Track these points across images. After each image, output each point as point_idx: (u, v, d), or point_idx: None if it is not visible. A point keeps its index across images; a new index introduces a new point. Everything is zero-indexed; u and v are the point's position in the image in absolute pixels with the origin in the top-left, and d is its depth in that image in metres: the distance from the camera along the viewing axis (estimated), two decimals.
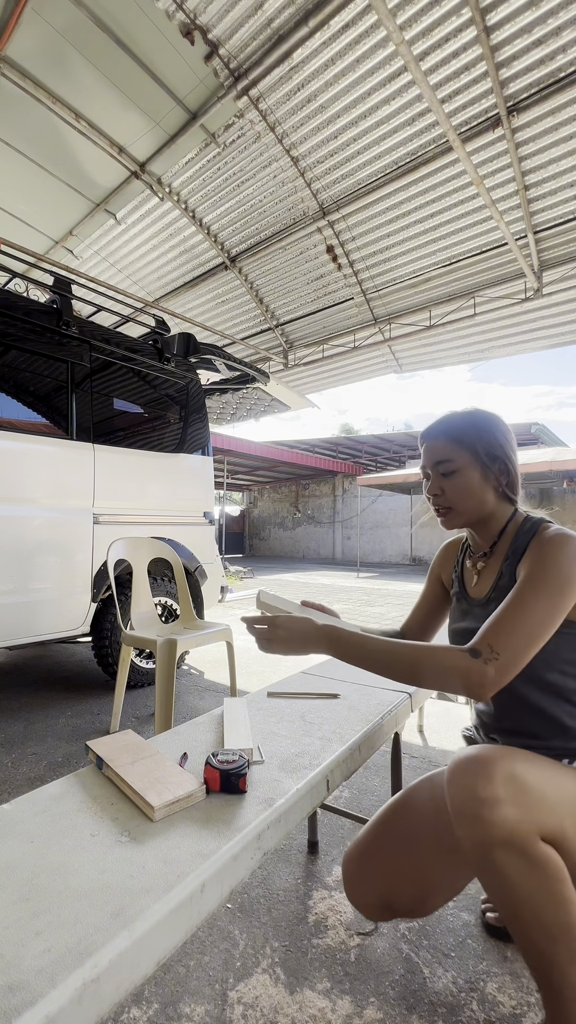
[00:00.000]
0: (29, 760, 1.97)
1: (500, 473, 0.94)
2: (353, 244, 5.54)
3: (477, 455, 0.93)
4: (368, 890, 0.92)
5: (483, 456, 0.93)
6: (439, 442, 0.96)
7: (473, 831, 0.70)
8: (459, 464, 0.93)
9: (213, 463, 3.56)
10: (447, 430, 0.96)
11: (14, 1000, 0.43)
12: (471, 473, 0.93)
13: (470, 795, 0.70)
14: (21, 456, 2.40)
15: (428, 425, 1.01)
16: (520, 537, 0.92)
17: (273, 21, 3.60)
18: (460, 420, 0.97)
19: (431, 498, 0.98)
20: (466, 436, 0.94)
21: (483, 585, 0.98)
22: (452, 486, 0.94)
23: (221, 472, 14.84)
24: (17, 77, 3.94)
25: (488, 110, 3.99)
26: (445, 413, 1.02)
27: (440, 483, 0.95)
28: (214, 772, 0.77)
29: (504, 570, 0.93)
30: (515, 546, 0.92)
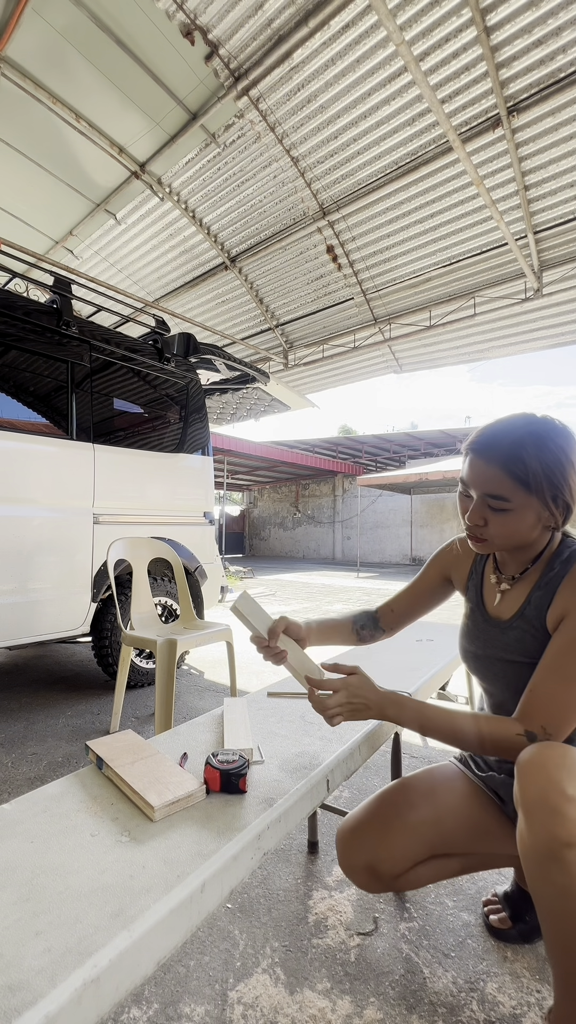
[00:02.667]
0: (29, 760, 1.97)
1: (559, 512, 0.82)
2: (353, 244, 5.54)
3: (543, 498, 0.79)
4: (357, 856, 0.93)
5: (548, 500, 0.79)
6: (495, 471, 0.80)
7: (550, 825, 0.67)
8: (515, 505, 0.80)
9: (213, 463, 3.56)
10: (508, 459, 0.78)
11: (14, 1000, 0.43)
12: (526, 515, 0.81)
13: (557, 789, 0.68)
14: (21, 456, 2.40)
15: (480, 433, 0.84)
16: (555, 565, 0.86)
17: (273, 21, 3.60)
18: (526, 445, 0.78)
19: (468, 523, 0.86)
20: (532, 475, 0.77)
21: (506, 607, 0.93)
22: (499, 523, 0.82)
23: (221, 472, 14.84)
24: (17, 77, 3.95)
25: (488, 110, 3.99)
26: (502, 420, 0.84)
27: (485, 514, 0.83)
28: (214, 772, 0.77)
29: (532, 599, 0.88)
30: (549, 575, 0.86)
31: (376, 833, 0.93)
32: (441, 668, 1.44)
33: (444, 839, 0.94)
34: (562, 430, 0.81)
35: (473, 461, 0.83)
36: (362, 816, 0.97)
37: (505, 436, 0.81)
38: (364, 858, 0.92)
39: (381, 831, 0.93)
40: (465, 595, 1.05)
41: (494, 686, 0.97)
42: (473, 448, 0.84)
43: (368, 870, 0.91)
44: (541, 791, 0.69)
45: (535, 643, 0.87)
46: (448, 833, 0.94)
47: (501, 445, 0.80)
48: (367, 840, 0.93)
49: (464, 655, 1.02)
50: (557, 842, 0.66)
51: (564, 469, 0.79)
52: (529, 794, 0.70)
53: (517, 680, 0.90)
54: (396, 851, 0.91)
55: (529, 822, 0.70)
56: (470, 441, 0.85)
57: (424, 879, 0.94)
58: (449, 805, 0.97)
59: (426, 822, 0.94)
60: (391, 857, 0.91)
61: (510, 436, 0.80)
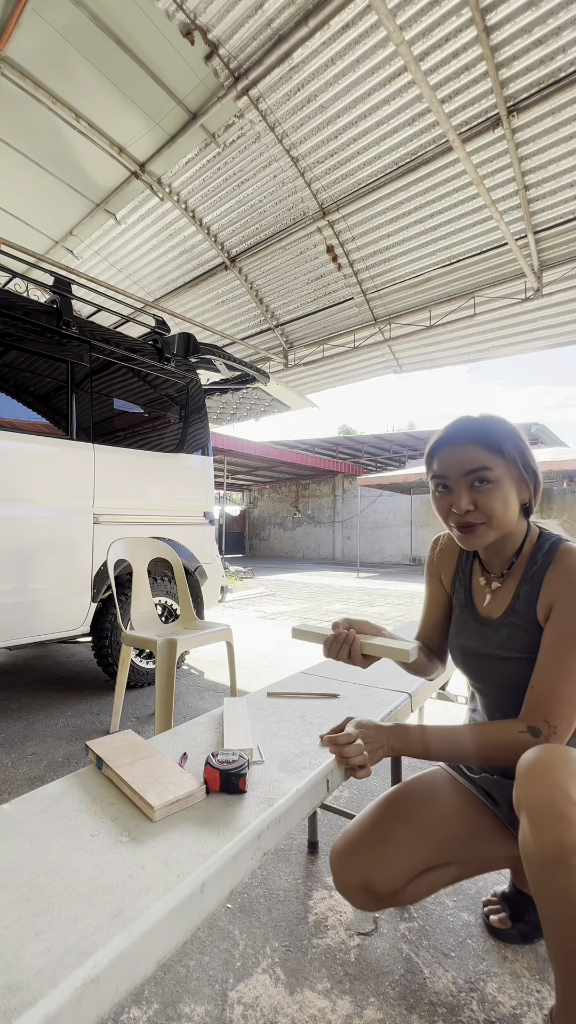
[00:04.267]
0: (29, 760, 1.97)
1: (531, 485, 0.87)
2: (353, 244, 5.54)
3: (516, 465, 0.85)
4: (351, 875, 0.91)
5: (520, 467, 0.85)
6: (471, 447, 0.84)
7: (558, 831, 0.66)
8: (498, 474, 0.83)
9: (213, 463, 3.56)
10: (481, 435, 0.85)
11: (14, 1000, 0.43)
12: (508, 486, 0.85)
13: (562, 794, 0.67)
14: (21, 456, 2.40)
15: (444, 431, 0.89)
16: (537, 558, 0.89)
17: (273, 21, 3.60)
18: (490, 423, 0.86)
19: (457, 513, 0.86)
20: (504, 442, 0.84)
21: (496, 606, 0.94)
22: (487, 498, 0.84)
23: (221, 472, 14.85)
24: (17, 77, 3.94)
25: (488, 110, 3.99)
26: (458, 418, 0.90)
27: (472, 495, 0.84)
28: (214, 772, 0.77)
29: (520, 593, 0.89)
30: (533, 568, 0.89)
31: (369, 851, 0.91)
32: None
33: (439, 850, 0.92)
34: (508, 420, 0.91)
35: (448, 452, 0.87)
36: (354, 834, 0.94)
37: (470, 423, 0.88)
38: (358, 877, 0.90)
39: (374, 849, 0.91)
40: (452, 595, 1.05)
41: (488, 685, 0.96)
42: (441, 442, 0.89)
43: (364, 889, 0.89)
44: (546, 796, 0.68)
45: (528, 637, 0.87)
46: (442, 843, 0.93)
47: (469, 427, 0.87)
48: (360, 859, 0.91)
49: (456, 654, 1.01)
50: (565, 848, 0.64)
51: (521, 438, 0.87)
52: (533, 799, 0.69)
53: (511, 677, 0.89)
54: (390, 868, 0.89)
55: (534, 827, 0.68)
56: (434, 443, 0.90)
57: (422, 892, 0.92)
58: (441, 814, 0.96)
59: (419, 836, 0.92)
60: (386, 875, 0.89)
61: (470, 422, 0.88)
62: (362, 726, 0.88)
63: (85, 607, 2.60)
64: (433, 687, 1.40)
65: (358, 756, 0.83)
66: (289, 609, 6.32)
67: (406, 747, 0.86)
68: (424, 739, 0.85)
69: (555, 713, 0.77)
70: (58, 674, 3.19)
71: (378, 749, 0.85)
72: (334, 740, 0.86)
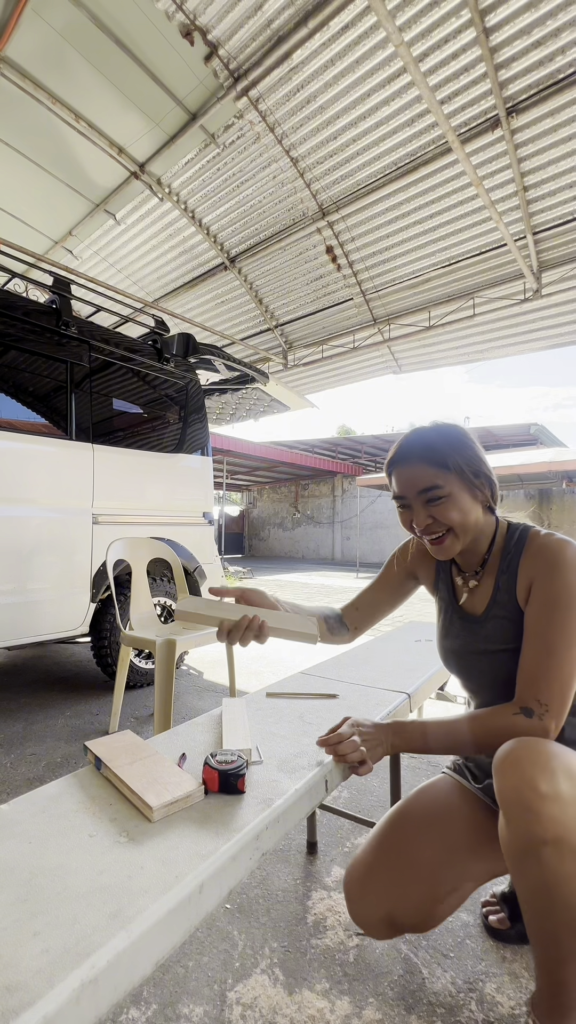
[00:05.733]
0: (28, 760, 1.97)
1: (485, 487, 0.91)
2: (352, 245, 5.55)
3: (463, 475, 0.88)
4: (372, 909, 0.87)
5: (469, 475, 0.88)
6: (418, 468, 0.89)
7: (526, 823, 0.67)
8: (448, 489, 0.87)
9: (212, 463, 3.56)
10: (426, 453, 0.89)
11: (12, 1001, 0.43)
12: (461, 495, 0.88)
13: (529, 786, 0.68)
14: (20, 456, 2.40)
15: (395, 450, 0.93)
16: (510, 548, 0.91)
17: (273, 22, 3.60)
18: (432, 439, 0.90)
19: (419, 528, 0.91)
20: (448, 457, 0.88)
21: (478, 601, 0.95)
22: (442, 511, 0.88)
23: (220, 472, 14.84)
24: (17, 77, 3.95)
25: (487, 111, 3.99)
26: (409, 432, 0.95)
27: (428, 510, 0.89)
28: (213, 772, 0.77)
29: (500, 584, 0.91)
30: (507, 559, 0.91)
31: (388, 881, 0.87)
32: (440, 668, 1.44)
33: (461, 873, 0.87)
34: (454, 425, 0.94)
35: (398, 472, 0.92)
36: (369, 862, 0.90)
37: (416, 441, 0.92)
38: (382, 912, 0.86)
39: (393, 879, 0.87)
40: (436, 595, 1.06)
41: (479, 683, 0.96)
42: (393, 462, 0.94)
43: (387, 922, 0.86)
44: (515, 789, 0.69)
45: (513, 628, 0.88)
46: (464, 862, 0.88)
47: (415, 447, 0.91)
48: (379, 891, 0.87)
49: (445, 655, 1.01)
50: (534, 839, 0.67)
51: (470, 448, 0.90)
52: (505, 792, 0.71)
53: (502, 671, 0.89)
54: (414, 898, 0.85)
55: (506, 820, 0.70)
56: (388, 461, 0.95)
57: (446, 913, 0.88)
58: (458, 833, 0.91)
59: (440, 857, 0.88)
60: (410, 905, 0.85)
61: (420, 439, 0.92)
62: (359, 724, 0.88)
63: (84, 607, 2.60)
64: (432, 687, 1.40)
65: (354, 752, 0.83)
66: None
67: (405, 743, 0.86)
68: (423, 733, 0.85)
69: (544, 691, 0.77)
70: (57, 674, 3.19)
71: (377, 747, 0.85)
72: (327, 741, 0.86)
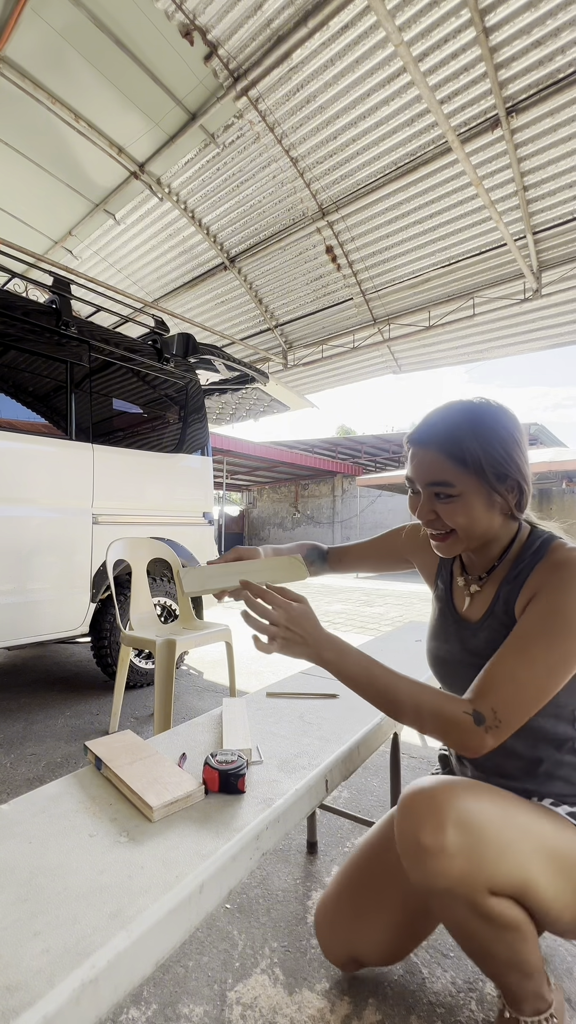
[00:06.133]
0: (28, 760, 1.97)
1: (510, 493, 0.77)
2: (352, 244, 5.55)
3: (483, 477, 0.75)
4: (338, 949, 0.93)
5: (491, 477, 0.75)
6: (433, 456, 0.77)
7: (417, 877, 0.66)
8: (460, 490, 0.75)
9: (212, 463, 3.56)
10: (445, 441, 0.76)
11: (12, 1001, 0.43)
12: (474, 500, 0.76)
13: (414, 840, 0.65)
14: (20, 456, 2.40)
15: (423, 423, 0.80)
16: (524, 558, 0.80)
17: (272, 22, 3.60)
18: (461, 425, 0.76)
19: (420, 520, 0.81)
20: (470, 453, 0.74)
21: (476, 608, 0.86)
22: (449, 512, 0.77)
23: (220, 472, 14.84)
24: (17, 77, 3.94)
25: (487, 111, 3.99)
26: (439, 408, 0.81)
27: (433, 506, 0.79)
28: (213, 772, 0.77)
29: (501, 595, 0.81)
30: (518, 568, 0.80)
31: (349, 924, 0.89)
32: None
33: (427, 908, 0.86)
34: (499, 409, 0.78)
35: (414, 452, 0.80)
36: (331, 905, 0.93)
37: (441, 421, 0.78)
38: (344, 952, 0.91)
39: (353, 922, 0.89)
40: (434, 592, 0.98)
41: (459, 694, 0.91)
42: (411, 439, 0.80)
43: (352, 961, 0.92)
44: (406, 837, 0.67)
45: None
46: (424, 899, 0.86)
47: (437, 430, 0.77)
48: (342, 933, 0.90)
49: (431, 658, 0.94)
50: (428, 894, 0.69)
51: (504, 444, 0.75)
52: (399, 838, 0.69)
53: None
54: (374, 938, 0.88)
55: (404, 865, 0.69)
56: (408, 435, 0.82)
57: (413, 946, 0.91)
58: None
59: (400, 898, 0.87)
60: (371, 946, 0.89)
61: (446, 420, 0.78)
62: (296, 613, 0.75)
63: (84, 607, 2.60)
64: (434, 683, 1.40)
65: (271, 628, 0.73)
66: None
67: (336, 669, 0.75)
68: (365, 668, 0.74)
69: (505, 704, 0.68)
70: (57, 674, 3.19)
71: (298, 646, 0.74)
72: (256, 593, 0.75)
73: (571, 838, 0.71)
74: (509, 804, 0.71)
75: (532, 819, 0.70)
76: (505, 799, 0.72)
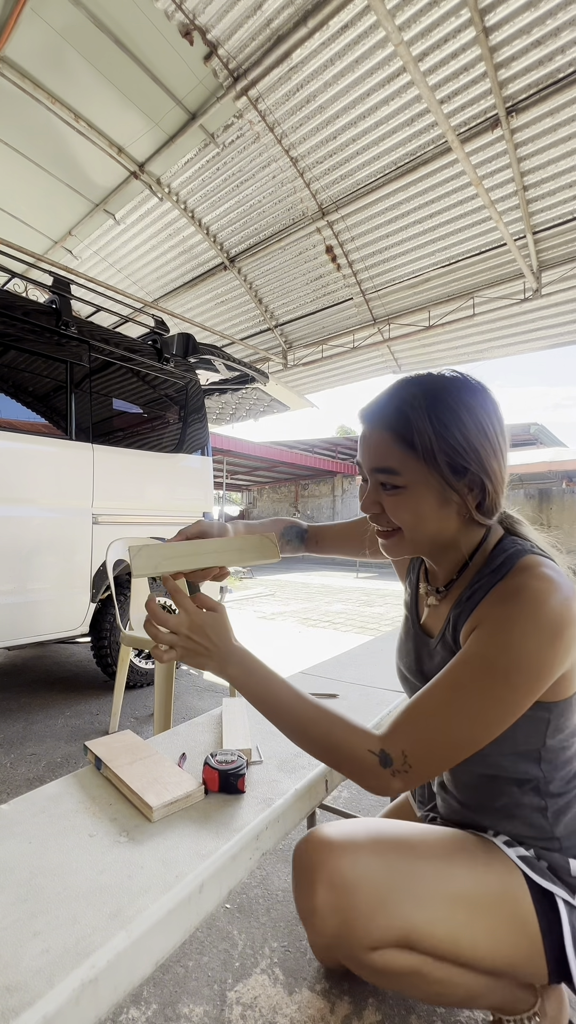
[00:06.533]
0: (28, 760, 1.97)
1: (469, 491, 0.64)
2: (352, 244, 5.55)
3: (435, 466, 0.63)
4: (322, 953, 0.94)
5: (444, 468, 0.63)
6: (379, 436, 0.66)
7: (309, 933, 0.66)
8: (407, 480, 0.64)
9: (212, 463, 3.56)
10: (395, 418, 0.64)
11: (12, 1001, 0.43)
12: (423, 494, 0.64)
13: (296, 898, 0.66)
14: (20, 456, 2.40)
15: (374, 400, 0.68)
16: (485, 575, 0.67)
17: (272, 22, 3.60)
18: (414, 402, 0.63)
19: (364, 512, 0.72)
20: (420, 434, 0.62)
21: (434, 624, 0.77)
22: (393, 506, 0.67)
23: (220, 472, 14.85)
24: (16, 77, 3.94)
25: (487, 111, 3.99)
26: (400, 379, 0.68)
27: (378, 497, 0.68)
28: (213, 772, 0.77)
29: (451, 618, 0.71)
30: (473, 588, 0.68)
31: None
32: None
33: None
34: (469, 388, 0.65)
35: (362, 431, 0.68)
36: None
37: (396, 395, 0.66)
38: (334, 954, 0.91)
39: None
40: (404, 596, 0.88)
41: None
42: (361, 413, 0.69)
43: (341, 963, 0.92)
44: (295, 893, 0.67)
45: None
46: None
47: (388, 405, 0.66)
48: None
49: (398, 674, 0.87)
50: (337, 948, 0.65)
51: (465, 430, 0.62)
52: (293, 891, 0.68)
53: None
54: None
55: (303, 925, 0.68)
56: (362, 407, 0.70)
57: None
58: None
59: None
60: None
61: (400, 394, 0.65)
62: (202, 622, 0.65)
63: (84, 607, 2.60)
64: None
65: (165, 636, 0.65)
66: (288, 609, 6.31)
67: (243, 683, 0.66)
68: (268, 688, 0.66)
69: (419, 750, 0.59)
70: (57, 674, 3.19)
71: (203, 655, 0.65)
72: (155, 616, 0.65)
73: (488, 880, 0.65)
74: (402, 851, 0.66)
75: (436, 864, 0.65)
76: (400, 846, 0.66)
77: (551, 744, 0.67)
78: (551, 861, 0.68)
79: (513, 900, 0.65)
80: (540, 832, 0.69)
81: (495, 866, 0.67)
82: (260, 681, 0.66)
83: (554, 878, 0.67)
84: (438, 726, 0.59)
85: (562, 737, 0.68)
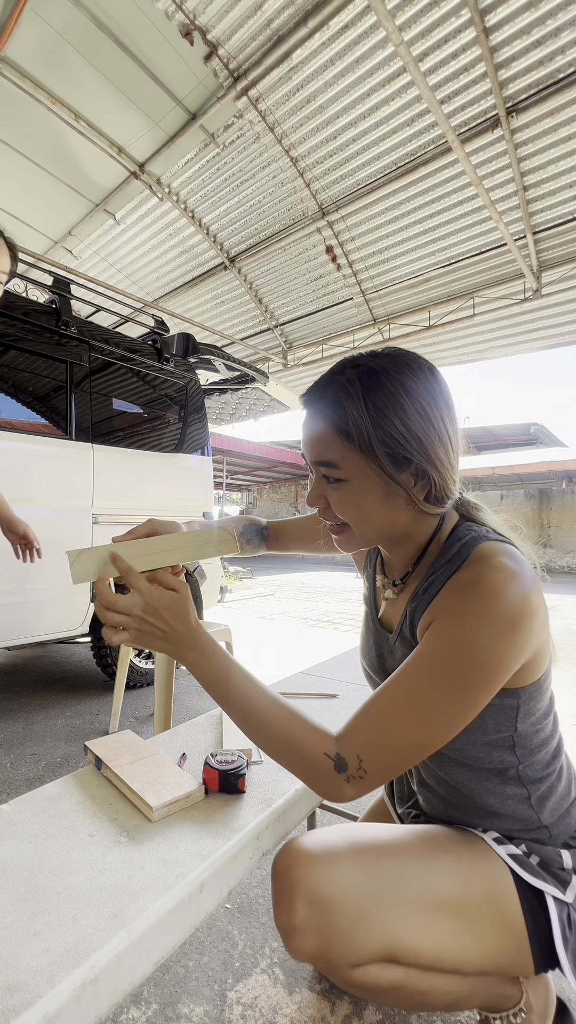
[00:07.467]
0: (28, 760, 1.97)
1: (415, 483, 0.61)
2: (352, 244, 5.55)
3: (374, 459, 0.59)
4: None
5: (384, 460, 0.59)
6: (319, 426, 0.61)
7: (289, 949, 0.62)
8: (347, 473, 0.61)
9: (212, 463, 3.56)
10: (331, 407, 0.60)
11: (12, 1000, 0.43)
12: (366, 487, 0.61)
13: (275, 914, 0.62)
14: (20, 456, 2.40)
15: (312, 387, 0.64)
16: (440, 566, 0.64)
17: (272, 22, 3.60)
18: (350, 388, 0.59)
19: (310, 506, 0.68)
20: (357, 424, 0.58)
21: (393, 616, 0.75)
22: (336, 500, 0.63)
23: (220, 472, 14.86)
24: (17, 77, 3.95)
25: (487, 111, 4.00)
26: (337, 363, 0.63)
27: (323, 490, 0.64)
28: (213, 772, 0.77)
29: (407, 612, 0.69)
30: (429, 579, 0.65)
31: None
32: None
33: None
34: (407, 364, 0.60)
35: (303, 419, 0.64)
36: None
37: (333, 380, 0.61)
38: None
39: None
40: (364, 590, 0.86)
41: None
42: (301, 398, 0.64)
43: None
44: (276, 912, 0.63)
45: None
46: None
47: (327, 391, 0.61)
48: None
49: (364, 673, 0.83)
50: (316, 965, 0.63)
51: (405, 417, 0.58)
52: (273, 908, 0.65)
53: None
54: None
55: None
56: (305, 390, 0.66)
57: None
58: None
59: None
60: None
61: (338, 379, 0.60)
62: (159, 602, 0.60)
63: (84, 607, 2.60)
64: None
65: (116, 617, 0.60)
66: (288, 609, 6.31)
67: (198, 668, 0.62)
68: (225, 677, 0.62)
69: (374, 754, 0.57)
70: (57, 674, 3.19)
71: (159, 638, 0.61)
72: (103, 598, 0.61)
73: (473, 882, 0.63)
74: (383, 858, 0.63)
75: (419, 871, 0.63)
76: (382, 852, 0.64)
77: (523, 729, 0.65)
78: (542, 855, 0.67)
79: (499, 900, 0.64)
80: (528, 823, 0.68)
81: (480, 866, 0.65)
82: (217, 668, 0.62)
83: (545, 875, 0.65)
84: (393, 729, 0.57)
85: (533, 720, 0.66)
